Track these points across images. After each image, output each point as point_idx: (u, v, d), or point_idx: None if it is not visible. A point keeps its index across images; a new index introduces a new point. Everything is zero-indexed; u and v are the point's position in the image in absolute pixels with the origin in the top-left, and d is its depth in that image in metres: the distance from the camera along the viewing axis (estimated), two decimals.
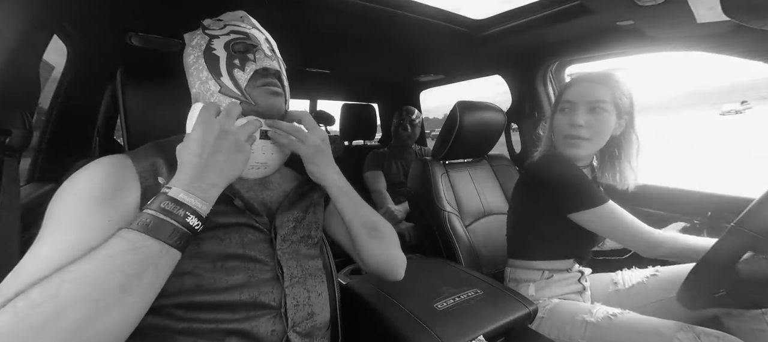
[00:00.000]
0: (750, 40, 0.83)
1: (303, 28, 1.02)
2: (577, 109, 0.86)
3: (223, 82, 0.56)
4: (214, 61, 0.57)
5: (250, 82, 0.57)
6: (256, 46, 0.59)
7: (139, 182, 0.49)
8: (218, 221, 0.52)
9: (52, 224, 0.42)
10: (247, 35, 0.59)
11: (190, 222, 0.41)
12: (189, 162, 0.44)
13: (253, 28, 0.62)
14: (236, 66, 0.57)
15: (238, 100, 0.56)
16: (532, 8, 1.07)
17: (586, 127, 0.85)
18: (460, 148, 1.25)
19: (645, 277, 0.91)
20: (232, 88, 0.57)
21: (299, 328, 0.56)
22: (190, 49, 0.61)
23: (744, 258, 0.60)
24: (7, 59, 0.68)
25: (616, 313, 0.77)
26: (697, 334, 0.66)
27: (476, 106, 1.22)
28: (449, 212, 1.19)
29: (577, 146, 0.87)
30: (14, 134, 0.68)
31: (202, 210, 0.43)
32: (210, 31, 0.59)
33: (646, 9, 0.70)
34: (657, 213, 1.21)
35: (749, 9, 0.57)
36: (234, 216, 0.54)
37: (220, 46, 0.58)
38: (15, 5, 0.69)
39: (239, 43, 0.58)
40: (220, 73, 0.57)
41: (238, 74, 0.57)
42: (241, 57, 0.57)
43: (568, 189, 0.84)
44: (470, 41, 1.26)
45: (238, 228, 0.54)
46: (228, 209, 0.54)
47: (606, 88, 0.84)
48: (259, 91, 0.58)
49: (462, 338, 0.61)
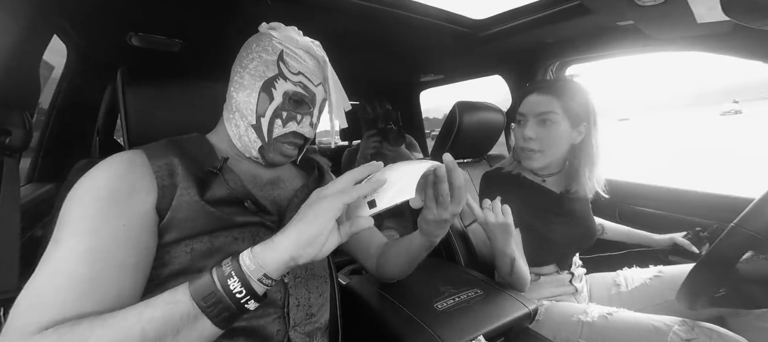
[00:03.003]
0: (750, 40, 0.83)
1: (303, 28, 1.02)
2: (527, 122, 0.87)
3: (261, 121, 0.56)
4: (267, 97, 0.56)
5: (282, 136, 0.58)
6: (310, 109, 0.59)
7: (155, 182, 0.47)
8: (234, 220, 0.52)
9: (67, 229, 0.41)
10: (311, 95, 0.58)
11: (232, 286, 0.37)
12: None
13: (318, 85, 0.59)
14: (280, 117, 0.56)
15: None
16: (532, 8, 1.07)
17: (537, 140, 0.85)
18: (460, 148, 1.25)
19: (648, 278, 0.91)
20: (264, 135, 0.57)
21: (300, 328, 0.56)
22: (255, 51, 0.57)
23: (744, 258, 0.60)
24: (7, 59, 0.68)
25: (612, 311, 0.77)
26: (691, 326, 0.67)
27: (475, 107, 1.22)
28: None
29: (529, 158, 0.88)
30: (14, 134, 0.68)
31: (249, 272, 0.39)
32: (284, 64, 0.56)
33: (646, 9, 0.70)
34: (657, 213, 1.21)
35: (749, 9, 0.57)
36: (248, 215, 0.54)
37: (281, 90, 0.56)
38: (15, 5, 0.69)
39: (299, 95, 0.57)
40: (263, 114, 0.56)
41: (276, 124, 0.57)
42: (290, 112, 0.57)
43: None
44: (470, 41, 1.26)
45: (252, 227, 0.54)
46: (241, 209, 0.54)
47: (554, 99, 0.84)
48: (279, 146, 0.58)
49: (462, 338, 0.61)
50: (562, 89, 0.85)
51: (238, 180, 0.55)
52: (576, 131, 0.86)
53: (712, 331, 0.66)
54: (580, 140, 0.87)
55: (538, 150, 0.86)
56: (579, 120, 0.85)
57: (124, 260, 0.42)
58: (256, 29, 0.63)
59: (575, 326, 0.78)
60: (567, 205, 0.91)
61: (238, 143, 0.59)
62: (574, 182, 0.90)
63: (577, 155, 0.89)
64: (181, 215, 0.47)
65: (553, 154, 0.87)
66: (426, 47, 1.35)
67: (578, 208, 0.94)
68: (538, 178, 0.94)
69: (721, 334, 0.65)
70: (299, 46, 0.57)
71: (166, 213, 0.47)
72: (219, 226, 0.50)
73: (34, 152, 1.08)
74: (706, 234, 0.93)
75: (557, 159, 0.89)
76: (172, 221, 0.47)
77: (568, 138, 0.86)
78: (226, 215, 0.51)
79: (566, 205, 0.91)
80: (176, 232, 0.47)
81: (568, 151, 0.89)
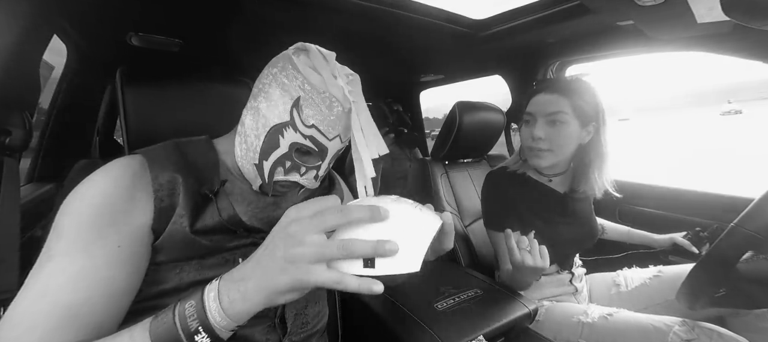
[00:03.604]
0: (750, 40, 0.83)
1: (303, 28, 1.02)
2: (536, 122, 0.86)
3: (263, 164, 0.51)
4: (273, 143, 0.50)
5: (283, 182, 0.53)
6: (317, 163, 0.53)
7: (153, 202, 0.45)
8: (225, 246, 0.51)
9: (60, 243, 0.40)
10: (321, 149, 0.51)
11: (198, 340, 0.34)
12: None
13: (333, 138, 0.51)
14: (282, 166, 0.51)
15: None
16: (532, 8, 1.07)
17: (546, 140, 0.85)
18: (460, 148, 1.25)
19: (648, 278, 0.91)
20: (264, 177, 0.52)
21: (295, 336, 0.56)
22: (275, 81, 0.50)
23: (744, 258, 0.60)
24: (7, 59, 0.68)
25: (612, 312, 0.77)
26: (691, 327, 0.67)
27: (475, 107, 1.22)
28: (449, 212, 1.19)
29: (538, 157, 0.87)
30: (14, 134, 0.68)
31: (219, 327, 0.34)
32: (299, 112, 0.49)
33: (646, 9, 0.69)
34: (657, 213, 1.21)
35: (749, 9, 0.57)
36: (240, 239, 0.52)
37: (288, 140, 0.50)
38: (15, 5, 0.69)
39: (305, 150, 0.51)
40: (267, 157, 0.51)
41: (278, 171, 0.51)
42: (295, 162, 0.51)
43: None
44: (470, 41, 1.26)
45: (243, 248, 0.53)
46: (232, 236, 0.52)
47: (564, 99, 0.83)
48: (280, 189, 0.54)
49: (462, 338, 0.61)
50: (571, 89, 0.84)
51: (231, 208, 0.52)
52: (585, 131, 0.85)
53: (712, 331, 0.66)
54: (589, 140, 0.87)
55: (548, 149, 0.85)
56: (588, 119, 0.84)
57: (113, 286, 0.41)
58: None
59: (575, 327, 0.78)
60: (571, 205, 0.92)
61: (242, 168, 0.55)
62: (582, 182, 0.89)
63: (585, 155, 0.88)
64: (172, 242, 0.46)
65: (562, 154, 0.86)
66: (426, 47, 1.35)
67: (581, 208, 0.94)
68: (544, 177, 0.93)
69: (722, 334, 0.65)
70: (323, 92, 0.49)
71: (160, 235, 0.46)
72: (209, 252, 0.49)
73: (34, 152, 1.08)
74: (706, 234, 0.93)
75: (565, 159, 0.89)
76: (164, 244, 0.46)
77: (577, 138, 0.85)
78: (215, 243, 0.49)
79: (570, 205, 0.91)
80: (166, 255, 0.47)
81: (576, 151, 0.88)
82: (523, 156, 0.93)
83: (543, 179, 0.93)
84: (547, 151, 0.85)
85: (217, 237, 0.50)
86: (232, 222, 0.51)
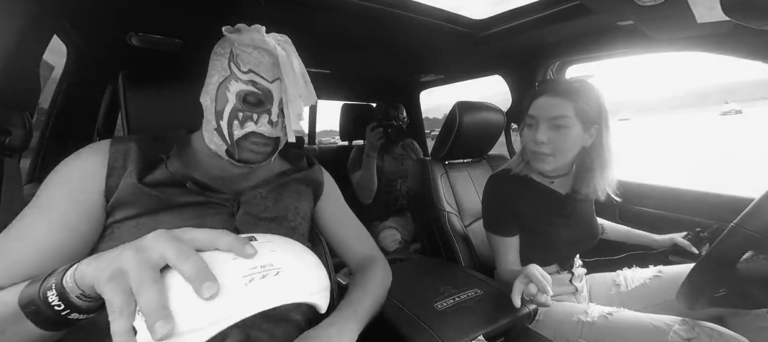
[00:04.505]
0: (750, 40, 0.83)
1: (303, 28, 1.02)
2: (539, 126, 0.85)
3: (221, 124, 0.57)
4: (223, 99, 0.56)
5: (243, 137, 0.57)
6: (267, 107, 0.57)
7: (107, 165, 0.52)
8: (176, 201, 0.54)
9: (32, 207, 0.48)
10: (265, 91, 0.56)
11: (50, 299, 0.34)
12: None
13: (273, 81, 0.57)
14: (237, 119, 0.56)
15: None
16: (532, 8, 1.07)
17: (548, 144, 0.83)
18: (460, 148, 1.25)
19: (648, 278, 0.91)
20: (226, 137, 0.57)
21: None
22: (214, 55, 0.59)
23: (744, 258, 0.60)
24: (7, 59, 0.68)
25: (612, 311, 0.77)
26: (691, 326, 0.67)
27: (475, 107, 1.22)
28: (449, 212, 1.19)
29: (541, 161, 0.86)
30: (14, 134, 0.68)
31: (68, 287, 0.34)
32: (235, 64, 0.56)
33: (646, 9, 0.69)
34: (657, 213, 1.21)
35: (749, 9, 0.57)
36: (192, 195, 0.55)
37: (234, 91, 0.55)
38: (15, 5, 0.69)
39: (252, 96, 0.56)
40: (222, 116, 0.56)
41: (235, 126, 0.56)
42: (246, 113, 0.56)
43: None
44: (470, 41, 1.26)
45: (196, 207, 0.55)
46: (183, 191, 0.55)
47: (567, 102, 0.81)
48: (245, 146, 0.58)
49: (462, 338, 0.61)
50: (575, 91, 0.82)
51: (181, 166, 0.57)
52: (587, 134, 0.84)
53: (712, 330, 0.66)
54: (591, 142, 0.85)
55: (550, 153, 0.84)
56: (591, 122, 0.83)
57: (47, 242, 0.46)
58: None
59: (575, 326, 0.78)
60: (572, 206, 0.92)
61: (212, 145, 0.59)
62: (583, 184, 0.88)
63: (588, 157, 0.87)
64: (123, 196, 0.51)
65: (564, 158, 0.86)
66: (426, 47, 1.35)
67: (582, 209, 0.94)
68: (547, 179, 0.93)
69: (722, 334, 0.65)
70: (252, 45, 0.56)
71: (114, 193, 0.51)
72: (160, 206, 0.52)
73: (34, 152, 1.08)
74: (706, 234, 0.93)
75: (568, 162, 0.88)
76: (118, 201, 0.51)
77: (580, 141, 0.84)
78: (166, 196, 0.53)
79: (571, 206, 0.91)
80: (122, 213, 0.51)
81: (578, 154, 0.87)
82: (526, 158, 0.93)
83: (545, 181, 0.93)
84: (549, 155, 0.84)
85: (167, 191, 0.54)
86: (179, 174, 0.55)
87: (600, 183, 0.87)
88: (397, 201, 1.81)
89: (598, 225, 0.98)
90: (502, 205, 0.91)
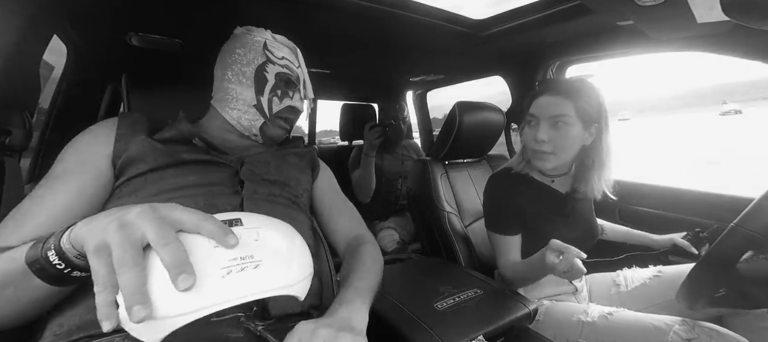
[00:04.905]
0: (750, 40, 0.83)
1: (303, 28, 1.02)
2: (539, 124, 0.85)
3: (261, 101, 0.66)
4: (261, 81, 0.65)
5: (281, 111, 0.68)
6: (297, 87, 0.70)
7: (114, 132, 0.56)
8: (182, 157, 0.57)
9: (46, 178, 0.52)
10: (294, 74, 0.69)
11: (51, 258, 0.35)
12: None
13: (298, 67, 0.71)
14: (277, 95, 0.67)
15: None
16: (532, 8, 1.07)
17: (549, 142, 0.84)
18: (460, 148, 1.25)
19: (648, 278, 0.91)
20: (265, 111, 0.66)
21: (274, 311, 0.53)
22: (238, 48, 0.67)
23: (744, 258, 0.60)
24: (7, 59, 0.68)
25: (612, 311, 0.77)
26: (691, 326, 0.67)
27: (475, 107, 1.22)
28: (449, 212, 1.19)
29: (542, 160, 0.87)
30: (14, 134, 0.68)
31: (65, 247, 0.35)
32: (269, 51, 0.66)
33: (646, 9, 0.69)
34: (657, 213, 1.21)
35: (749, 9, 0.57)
36: (198, 153, 0.59)
37: (272, 73, 0.66)
38: (15, 5, 0.69)
39: (288, 77, 0.68)
40: (263, 93, 0.65)
41: (274, 102, 0.67)
42: (283, 90, 0.67)
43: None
44: (470, 41, 1.26)
45: (201, 164, 0.58)
46: (190, 147, 0.59)
47: (568, 101, 0.82)
48: (277, 121, 0.69)
49: (462, 338, 0.61)
50: (575, 90, 0.83)
51: (188, 126, 0.61)
52: (587, 132, 0.85)
53: (712, 330, 0.66)
54: (591, 141, 0.86)
55: (551, 152, 0.85)
56: (591, 121, 0.84)
57: (56, 205, 0.49)
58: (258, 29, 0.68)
59: (575, 326, 0.78)
60: (572, 206, 0.92)
61: (238, 125, 0.67)
62: (582, 183, 0.89)
63: (587, 156, 0.88)
64: (133, 154, 0.55)
65: (565, 156, 0.86)
66: (426, 47, 1.35)
67: (582, 208, 0.94)
68: (547, 178, 0.94)
69: (722, 334, 0.65)
70: (274, 38, 0.69)
71: (122, 156, 0.55)
72: (166, 162, 0.55)
73: (34, 152, 1.08)
74: (705, 234, 0.93)
75: (568, 160, 0.89)
76: (127, 159, 0.54)
77: (580, 139, 0.85)
78: (173, 152, 0.57)
79: (571, 205, 0.92)
80: (130, 170, 0.54)
81: (578, 152, 0.88)
82: (526, 157, 0.93)
83: (545, 180, 0.94)
84: (550, 153, 0.85)
85: (174, 147, 0.57)
86: (187, 131, 0.61)
87: (597, 183, 0.88)
88: (397, 201, 1.81)
89: (597, 225, 0.99)
90: (503, 204, 0.91)
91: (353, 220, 0.79)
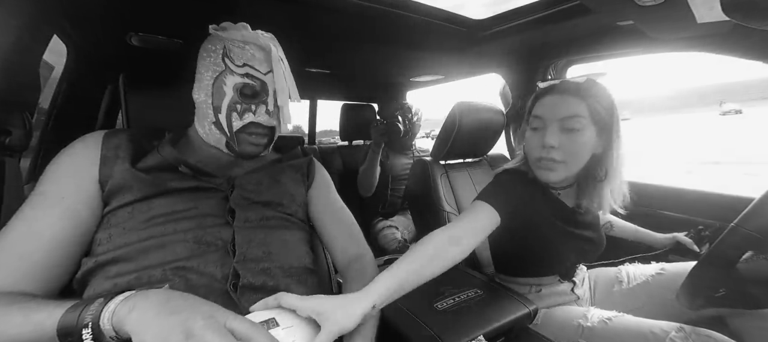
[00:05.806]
0: (750, 40, 0.83)
1: (303, 28, 1.02)
2: (548, 128, 0.74)
3: (219, 117, 0.59)
4: (220, 94, 0.58)
5: (242, 128, 0.60)
6: (263, 98, 0.60)
7: (99, 155, 0.53)
8: (169, 186, 0.54)
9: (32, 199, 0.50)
10: (260, 83, 0.60)
11: (84, 337, 0.37)
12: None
13: (267, 73, 0.60)
14: (236, 111, 0.59)
15: None
16: (532, 8, 1.07)
17: (560, 149, 0.72)
18: (460, 148, 1.25)
19: (650, 275, 0.90)
20: (225, 130, 0.59)
21: (252, 264, 0.54)
22: (205, 54, 0.61)
23: (744, 258, 0.60)
24: (7, 59, 0.68)
25: (612, 316, 0.76)
26: (688, 333, 0.66)
27: (475, 107, 1.22)
28: (449, 212, 1.19)
29: (549, 169, 0.75)
30: (14, 134, 0.68)
31: (105, 329, 0.37)
32: (229, 59, 0.58)
33: (646, 9, 0.69)
34: (659, 213, 1.21)
35: (749, 9, 0.57)
36: (184, 180, 0.56)
37: (230, 84, 0.58)
38: (15, 5, 0.69)
39: (248, 88, 0.59)
40: (220, 110, 0.58)
41: (234, 118, 0.59)
42: (244, 105, 0.59)
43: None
44: (470, 41, 1.26)
45: (190, 192, 0.56)
46: (176, 175, 0.56)
47: (580, 101, 0.71)
48: (245, 138, 0.61)
49: (462, 338, 0.61)
50: (587, 90, 0.72)
51: (173, 151, 0.58)
52: (600, 139, 0.74)
53: (709, 337, 0.65)
54: (601, 150, 0.75)
55: (561, 160, 0.73)
56: (605, 126, 0.73)
57: (53, 233, 0.47)
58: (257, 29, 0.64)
59: (575, 330, 0.78)
60: (579, 219, 0.85)
61: (210, 140, 0.62)
62: (587, 197, 0.80)
63: (599, 167, 0.77)
64: (117, 183, 0.52)
65: (577, 165, 0.75)
66: (426, 47, 1.35)
67: (589, 221, 0.88)
68: (554, 192, 0.84)
69: (718, 341, 0.65)
70: (243, 40, 0.59)
71: (108, 182, 0.52)
72: (153, 192, 0.53)
73: (34, 152, 1.08)
74: (708, 233, 0.92)
75: (578, 171, 0.78)
76: (113, 188, 0.52)
77: (592, 147, 0.73)
78: (159, 180, 0.54)
79: (578, 219, 0.85)
80: (117, 200, 0.52)
81: (588, 162, 0.76)
82: (530, 166, 0.81)
83: (552, 192, 0.85)
84: (560, 162, 0.73)
85: (160, 175, 0.55)
86: (171, 158, 0.57)
87: (607, 197, 0.78)
88: (405, 201, 1.81)
89: (603, 235, 0.92)
90: (510, 188, 0.79)
91: (353, 235, 0.74)
